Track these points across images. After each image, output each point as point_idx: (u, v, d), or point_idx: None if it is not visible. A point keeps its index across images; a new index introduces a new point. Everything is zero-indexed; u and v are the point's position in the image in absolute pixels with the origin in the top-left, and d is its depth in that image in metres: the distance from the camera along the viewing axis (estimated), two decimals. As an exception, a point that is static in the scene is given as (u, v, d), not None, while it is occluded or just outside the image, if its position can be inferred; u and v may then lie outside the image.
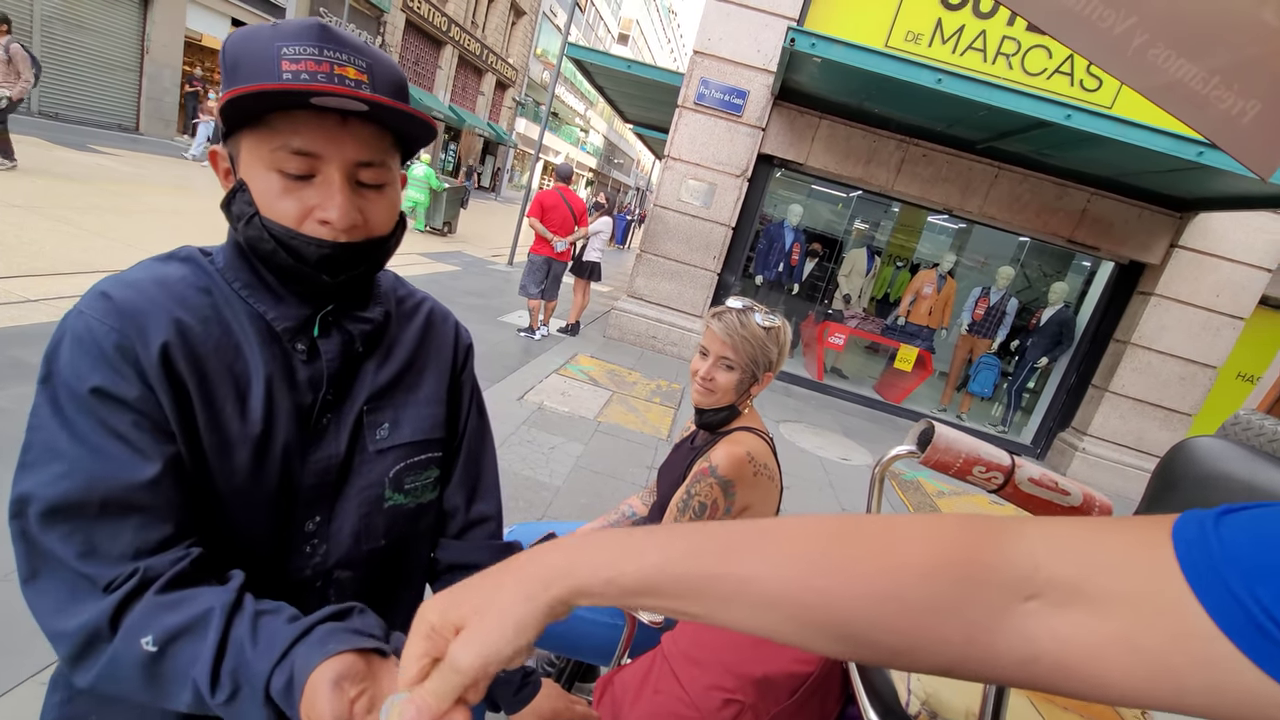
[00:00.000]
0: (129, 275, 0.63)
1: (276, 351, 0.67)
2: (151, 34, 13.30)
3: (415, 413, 0.77)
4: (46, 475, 0.55)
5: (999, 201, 6.35)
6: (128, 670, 0.53)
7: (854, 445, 5.48)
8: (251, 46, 0.59)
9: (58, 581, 0.55)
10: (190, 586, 0.57)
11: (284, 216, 0.61)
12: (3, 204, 5.44)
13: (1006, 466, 1.16)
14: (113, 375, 0.57)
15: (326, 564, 0.71)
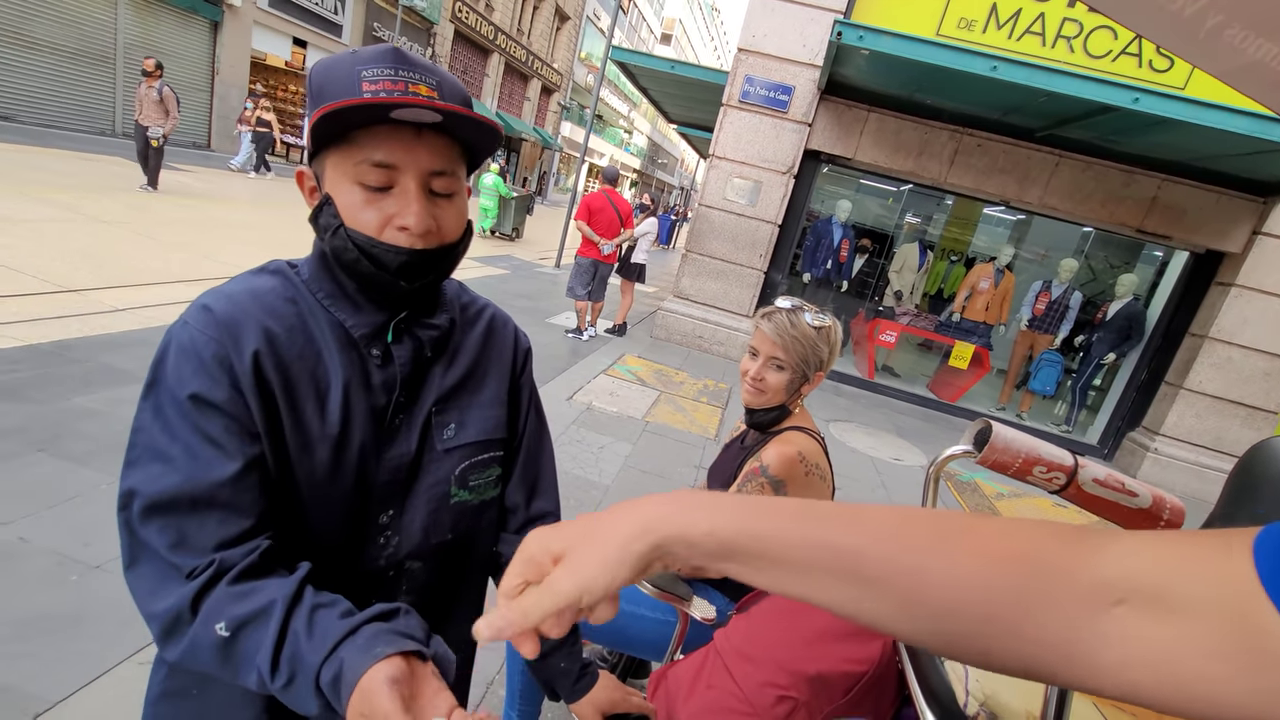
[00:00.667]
0: (227, 288, 0.69)
1: (354, 357, 0.71)
2: (221, 56, 14.07)
3: (479, 414, 0.82)
4: (148, 474, 0.61)
5: (1060, 191, 6.08)
6: (206, 651, 0.59)
7: (907, 445, 5.34)
8: (334, 72, 0.64)
9: (152, 568, 0.61)
10: (260, 577, 0.62)
11: (366, 226, 0.66)
12: (95, 221, 5.87)
13: (1069, 466, 1.13)
14: (209, 382, 0.63)
15: (398, 555, 0.76)
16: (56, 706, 1.48)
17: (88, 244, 5.14)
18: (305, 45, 16.39)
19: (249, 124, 12.34)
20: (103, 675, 1.59)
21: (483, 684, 1.84)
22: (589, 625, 1.47)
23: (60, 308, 3.80)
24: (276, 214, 9.10)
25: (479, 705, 1.77)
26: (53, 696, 1.50)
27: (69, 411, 2.73)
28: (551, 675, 0.90)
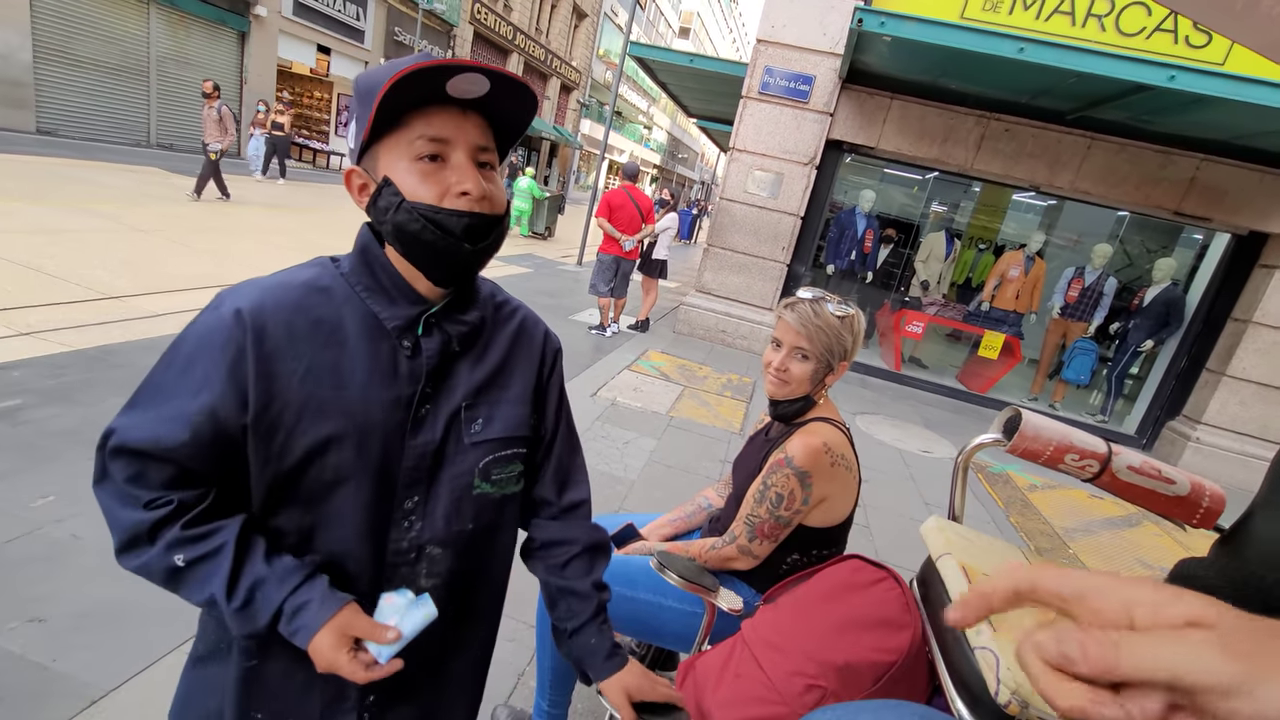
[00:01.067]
0: (263, 279, 0.74)
1: (383, 347, 0.75)
2: (249, 65, 14.40)
3: (506, 411, 0.85)
4: (130, 420, 0.71)
5: (1093, 175, 5.91)
6: (158, 571, 0.71)
7: (935, 437, 5.26)
8: (378, 76, 0.68)
9: (114, 489, 0.71)
10: (210, 520, 0.72)
11: (427, 197, 0.70)
12: (134, 230, 6.07)
13: (1102, 454, 1.11)
14: (214, 364, 0.69)
15: (420, 539, 0.80)
16: (110, 694, 1.55)
17: (128, 252, 5.32)
18: (329, 52, 16.68)
19: (263, 127, 12.36)
20: (150, 666, 1.66)
21: (513, 675, 1.87)
22: (618, 618, 1.49)
23: (103, 314, 3.95)
24: (305, 218, 9.29)
25: (510, 696, 1.81)
26: (106, 685, 1.57)
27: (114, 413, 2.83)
28: (582, 653, 0.93)
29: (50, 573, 1.90)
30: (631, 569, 1.50)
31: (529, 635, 1.99)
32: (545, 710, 1.58)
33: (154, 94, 12.77)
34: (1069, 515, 4.19)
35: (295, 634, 0.71)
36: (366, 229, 0.78)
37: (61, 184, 7.45)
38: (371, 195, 0.73)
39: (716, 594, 1.33)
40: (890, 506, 3.64)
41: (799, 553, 1.46)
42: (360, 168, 0.74)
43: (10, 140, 9.64)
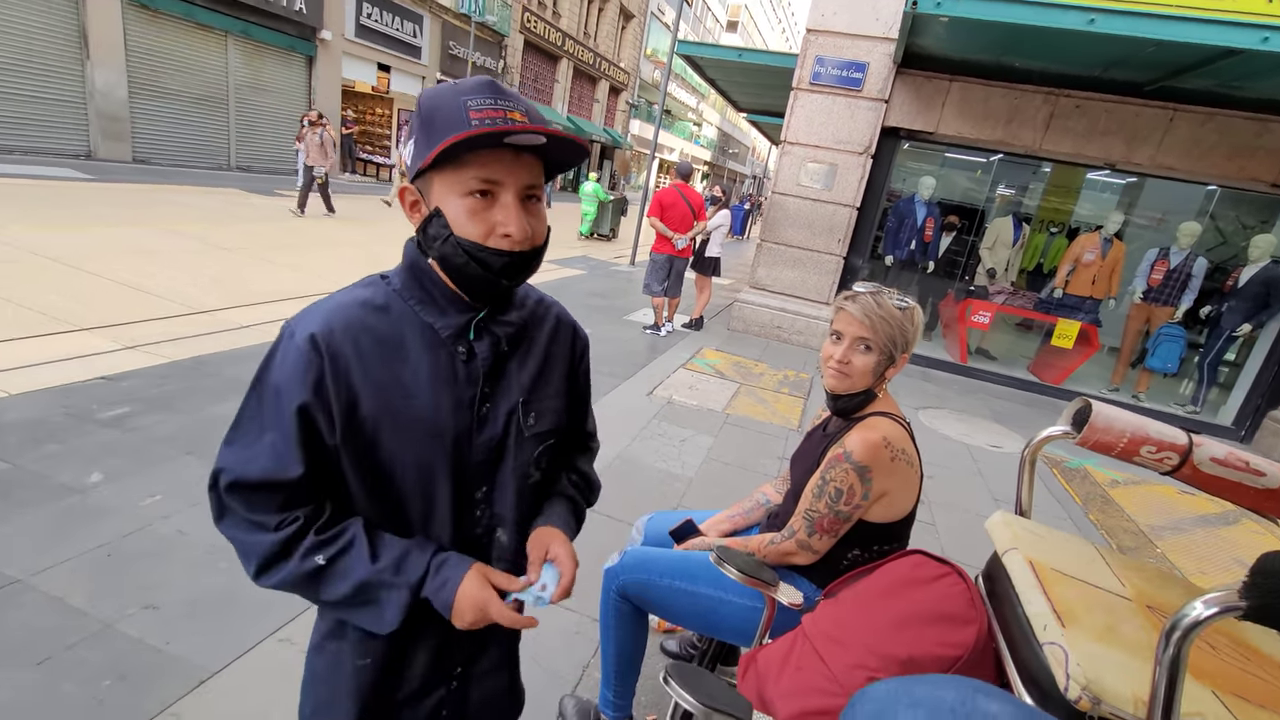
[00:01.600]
0: (326, 303, 0.80)
1: (442, 355, 0.81)
2: (316, 87, 15.19)
3: (552, 405, 0.94)
4: (239, 458, 0.76)
5: (1176, 148, 5.52)
6: (299, 578, 0.77)
7: (1005, 431, 5.05)
8: (442, 101, 0.73)
9: (237, 521, 0.78)
10: (333, 526, 0.79)
11: (473, 235, 0.75)
12: (219, 249, 6.53)
13: (1182, 446, 1.07)
14: (301, 391, 0.74)
15: (491, 525, 0.90)
16: (216, 675, 1.70)
17: (215, 269, 5.73)
18: (389, 70, 17.40)
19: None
20: (251, 649, 1.80)
21: (578, 666, 1.93)
22: (679, 612, 1.52)
23: (196, 327, 4.27)
24: (371, 230, 9.74)
25: (576, 686, 1.87)
26: (214, 666, 1.72)
27: (209, 420, 3.08)
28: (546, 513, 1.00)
29: (160, 565, 2.09)
30: (692, 564, 1.53)
31: (593, 628, 2.04)
32: (610, 700, 1.63)
33: (233, 120, 13.65)
34: (1156, 512, 3.94)
35: (443, 585, 0.79)
36: (414, 245, 0.82)
37: (155, 208, 8.08)
38: (423, 220, 0.78)
39: (776, 588, 1.34)
40: (957, 503, 3.53)
41: (860, 548, 1.45)
42: (414, 186, 0.78)
43: (111, 170, 10.52)
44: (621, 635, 1.58)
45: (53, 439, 2.68)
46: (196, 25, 12.34)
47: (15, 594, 1.86)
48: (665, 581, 1.51)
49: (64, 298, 4.28)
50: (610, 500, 2.94)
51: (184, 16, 12.01)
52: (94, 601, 1.88)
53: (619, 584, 1.54)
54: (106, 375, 3.34)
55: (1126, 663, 0.78)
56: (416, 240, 0.81)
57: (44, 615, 1.80)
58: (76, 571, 1.98)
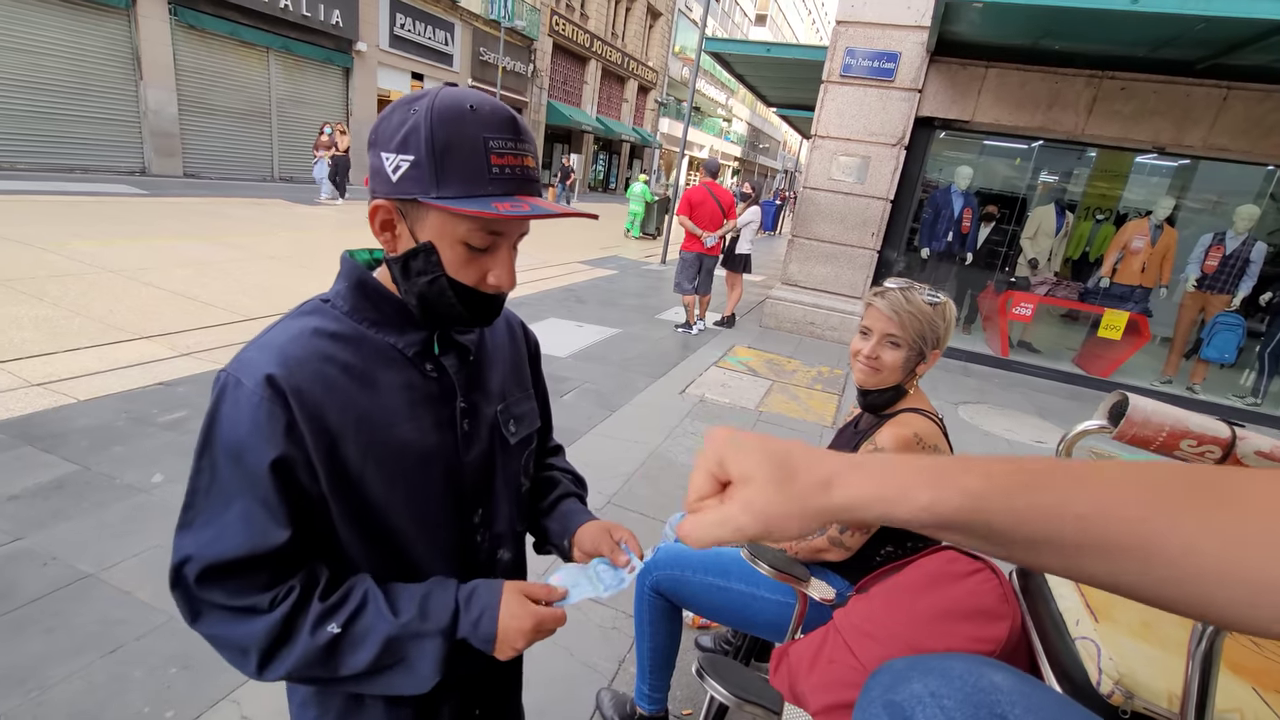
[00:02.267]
0: (273, 338, 0.71)
1: (413, 375, 0.75)
2: (353, 98, 15.63)
3: (527, 408, 0.91)
4: (201, 539, 0.66)
5: (1231, 129, 5.28)
6: (313, 654, 0.67)
7: (1050, 426, 4.91)
8: (461, 131, 0.65)
9: (221, 616, 0.67)
10: (336, 589, 0.71)
11: (466, 279, 0.71)
12: (265, 258, 6.79)
13: (1224, 439, 1.04)
14: (263, 444, 0.65)
15: (493, 547, 0.87)
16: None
17: (261, 277, 5.96)
18: (422, 78, 17.77)
19: (326, 150, 12.31)
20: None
21: (614, 661, 1.97)
22: (713, 607, 1.55)
23: (245, 334, 4.45)
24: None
25: (612, 681, 1.90)
26: (269, 656, 1.81)
27: (260, 422, 3.21)
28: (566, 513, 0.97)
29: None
30: (724, 560, 1.55)
31: (628, 624, 2.08)
32: (646, 694, 1.66)
33: (275, 133, 14.15)
34: (1213, 509, 3.78)
35: (480, 619, 0.72)
36: (353, 261, 0.76)
37: (205, 220, 8.44)
38: (406, 252, 0.70)
39: (808, 584, 1.35)
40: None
41: (893, 544, 1.45)
42: (393, 204, 0.69)
43: (164, 185, 11.02)
44: (656, 630, 1.61)
45: (118, 442, 2.84)
46: (240, 43, 12.82)
47: (89, 588, 1.98)
48: (698, 577, 1.53)
49: (124, 308, 4.52)
50: (643, 499, 2.97)
51: (229, 35, 12.50)
52: (159, 595, 1.99)
53: (653, 580, 1.57)
54: (164, 381, 3.52)
55: (1161, 658, 0.78)
56: (392, 266, 0.73)
57: (115, 608, 1.92)
58: (143, 566, 2.11)
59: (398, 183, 0.66)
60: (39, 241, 5.83)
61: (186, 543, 0.66)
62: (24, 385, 3.21)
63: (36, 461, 2.60)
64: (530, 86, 22.01)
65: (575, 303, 6.93)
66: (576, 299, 7.12)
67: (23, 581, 1.96)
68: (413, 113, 0.65)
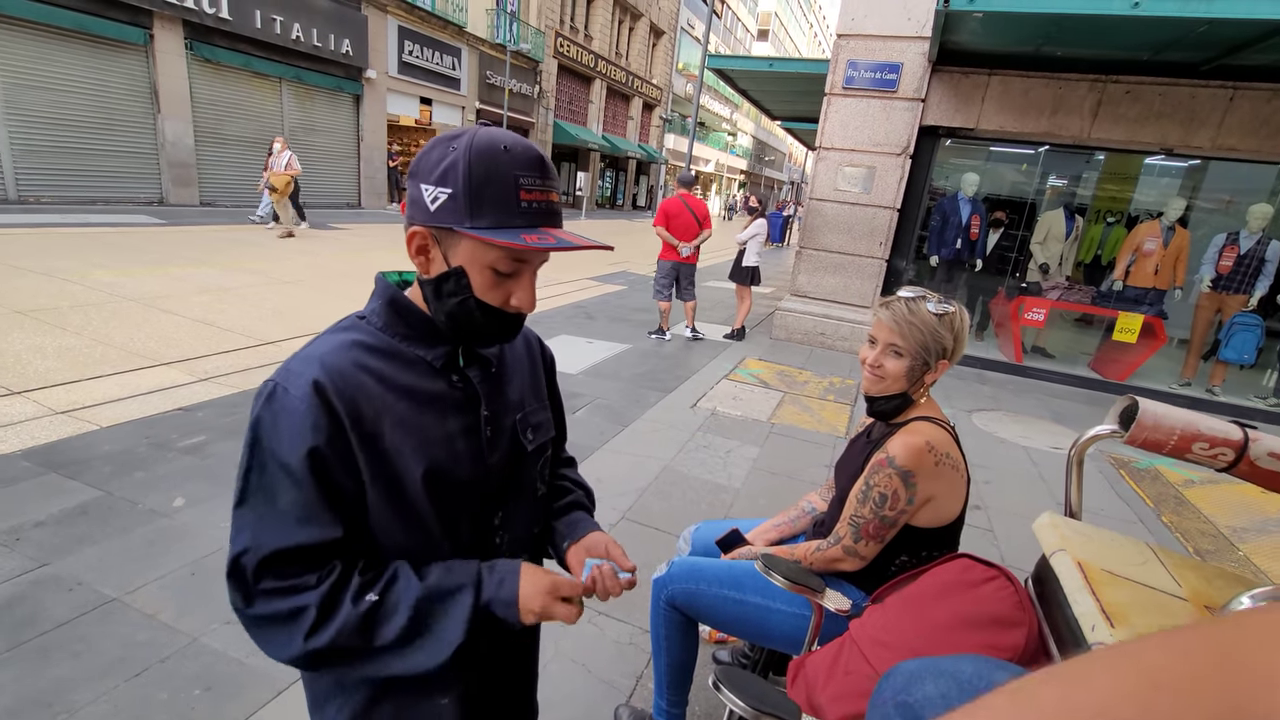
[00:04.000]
0: (316, 350, 0.77)
1: (440, 385, 0.82)
2: (363, 124, 15.93)
3: (543, 417, 0.97)
4: (257, 533, 0.73)
5: (1239, 128, 5.25)
6: (354, 623, 0.73)
7: (1066, 432, 4.85)
8: (495, 169, 0.71)
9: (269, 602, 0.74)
10: (372, 569, 0.78)
11: (493, 300, 0.77)
12: (280, 283, 6.91)
13: (1237, 441, 1.04)
14: (312, 446, 0.71)
15: (512, 550, 0.91)
16: (292, 685, 1.80)
17: (278, 302, 6.06)
18: (430, 103, 18.09)
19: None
20: (323, 661, 1.90)
21: (632, 677, 1.97)
22: (728, 620, 1.54)
23: (262, 358, 4.53)
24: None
25: (630, 697, 1.90)
26: (291, 677, 1.83)
27: (277, 444, 3.26)
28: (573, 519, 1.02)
29: (239, 582, 2.22)
30: (738, 573, 1.55)
31: (645, 639, 2.08)
32: (664, 709, 1.65)
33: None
34: (1238, 513, 3.72)
35: (501, 583, 0.79)
36: (387, 282, 0.83)
37: (222, 247, 8.60)
38: (439, 275, 0.77)
39: (823, 595, 1.35)
40: (1015, 509, 3.41)
41: (908, 554, 1.45)
42: (429, 231, 0.75)
43: (181, 214, 11.26)
44: (672, 644, 1.61)
45: (139, 467, 2.89)
46: (253, 74, 13.14)
47: (113, 611, 2.02)
48: (713, 590, 1.53)
49: (144, 335, 4.62)
50: (657, 512, 2.97)
51: (243, 67, 12.82)
52: (181, 617, 2.02)
53: (668, 594, 1.57)
54: (184, 406, 3.58)
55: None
56: (425, 287, 0.80)
57: (139, 631, 1.95)
58: (165, 590, 2.14)
59: (435, 212, 0.73)
60: (62, 272, 5.97)
61: (243, 537, 0.73)
62: (48, 413, 3.28)
63: (61, 488, 2.65)
64: (536, 107, 22.33)
65: (585, 319, 6.97)
66: (586, 315, 7.16)
67: (49, 607, 2.00)
68: (452, 149, 0.72)
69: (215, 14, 11.85)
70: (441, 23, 17.36)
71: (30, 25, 9.80)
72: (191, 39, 11.74)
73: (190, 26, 11.68)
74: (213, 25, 11.91)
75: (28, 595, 2.03)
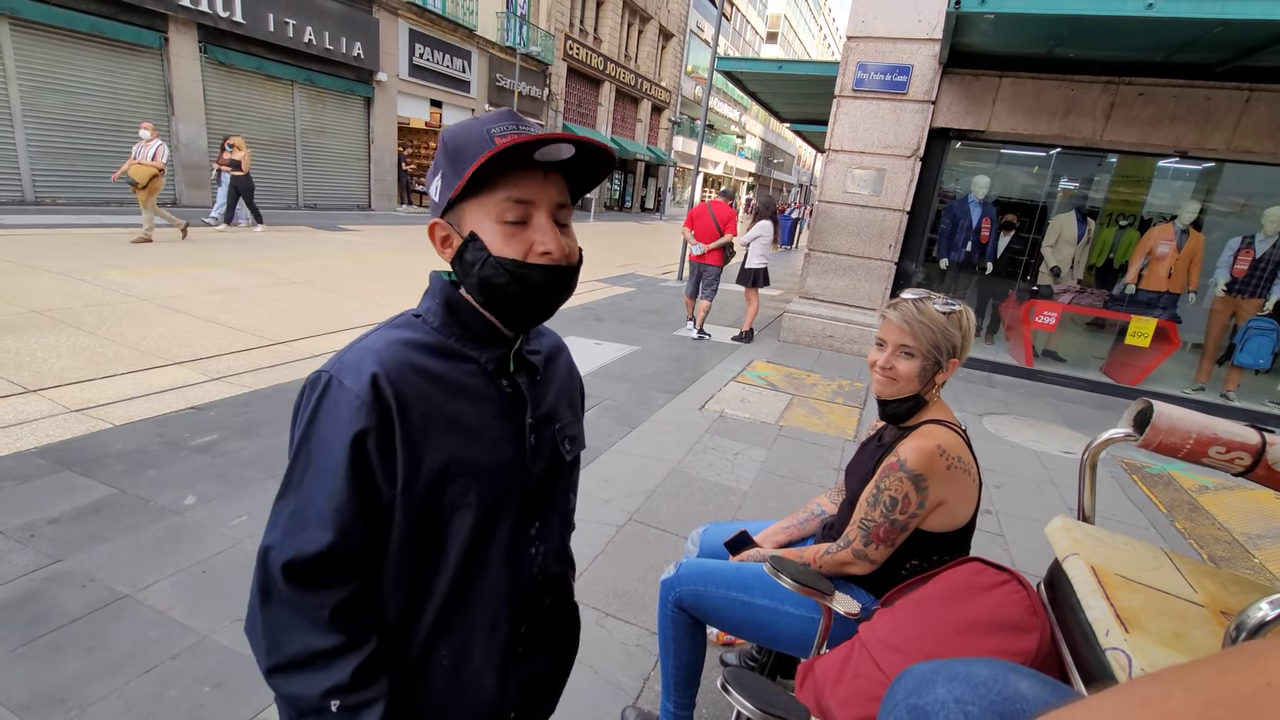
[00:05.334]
0: (371, 343, 0.76)
1: (490, 389, 0.81)
2: (374, 127, 16.04)
3: (578, 431, 0.96)
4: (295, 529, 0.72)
5: (1255, 130, 5.19)
6: (310, 699, 0.72)
7: (1078, 436, 4.80)
8: (467, 134, 0.74)
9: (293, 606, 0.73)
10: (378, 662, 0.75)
11: (512, 254, 0.74)
12: (290, 283, 6.96)
13: (1254, 445, 1.03)
14: (361, 440, 0.70)
15: (546, 563, 0.90)
16: (302, 683, 1.81)
17: (288, 303, 6.11)
18: (441, 105, 18.20)
19: (225, 167, 10.23)
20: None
21: (639, 678, 1.96)
22: (736, 623, 1.54)
23: (272, 358, 4.56)
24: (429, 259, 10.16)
25: (637, 699, 1.89)
26: (298, 675, 1.84)
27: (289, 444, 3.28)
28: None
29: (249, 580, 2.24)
30: (746, 575, 1.54)
31: (652, 641, 2.07)
32: (671, 711, 1.65)
33: (300, 161, 14.55)
34: (1254, 519, 3.67)
35: None
36: (443, 280, 0.81)
37: (232, 248, 8.68)
38: (458, 249, 0.76)
39: (832, 598, 1.35)
40: (1027, 513, 3.38)
41: (918, 558, 1.44)
42: (444, 221, 0.77)
43: (193, 215, 11.36)
44: (679, 646, 1.60)
45: (152, 465, 2.92)
46: (266, 77, 13.27)
47: (125, 608, 2.03)
48: (721, 592, 1.53)
49: (156, 335, 4.66)
50: (664, 514, 2.97)
51: (255, 70, 12.94)
52: (192, 615, 2.03)
53: (675, 595, 1.57)
54: (196, 405, 3.61)
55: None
56: (452, 271, 0.80)
57: (151, 628, 1.96)
58: (176, 587, 2.15)
59: (439, 199, 0.76)
60: (76, 273, 6.05)
61: (275, 532, 0.72)
62: (63, 411, 3.31)
63: (75, 485, 2.68)
64: (546, 110, 22.41)
65: (593, 320, 6.98)
66: (595, 317, 7.17)
67: (63, 603, 2.02)
68: (439, 147, 0.77)
69: (229, 17, 11.99)
70: (452, 26, 17.47)
71: (48, 29, 9.95)
72: (206, 42, 11.88)
73: (204, 30, 11.81)
74: (226, 29, 12.05)
75: (42, 591, 2.06)
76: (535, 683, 0.92)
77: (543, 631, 0.92)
